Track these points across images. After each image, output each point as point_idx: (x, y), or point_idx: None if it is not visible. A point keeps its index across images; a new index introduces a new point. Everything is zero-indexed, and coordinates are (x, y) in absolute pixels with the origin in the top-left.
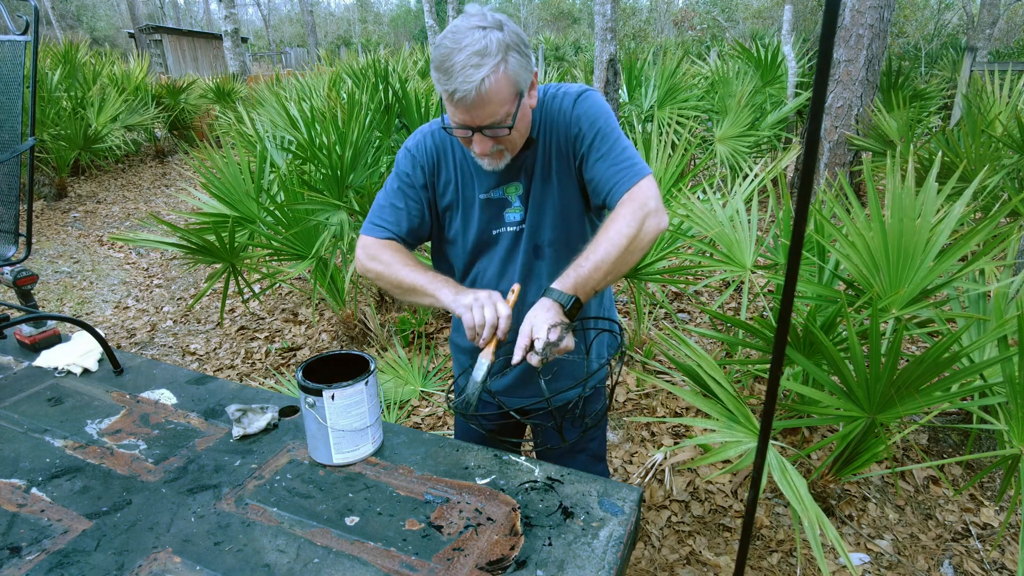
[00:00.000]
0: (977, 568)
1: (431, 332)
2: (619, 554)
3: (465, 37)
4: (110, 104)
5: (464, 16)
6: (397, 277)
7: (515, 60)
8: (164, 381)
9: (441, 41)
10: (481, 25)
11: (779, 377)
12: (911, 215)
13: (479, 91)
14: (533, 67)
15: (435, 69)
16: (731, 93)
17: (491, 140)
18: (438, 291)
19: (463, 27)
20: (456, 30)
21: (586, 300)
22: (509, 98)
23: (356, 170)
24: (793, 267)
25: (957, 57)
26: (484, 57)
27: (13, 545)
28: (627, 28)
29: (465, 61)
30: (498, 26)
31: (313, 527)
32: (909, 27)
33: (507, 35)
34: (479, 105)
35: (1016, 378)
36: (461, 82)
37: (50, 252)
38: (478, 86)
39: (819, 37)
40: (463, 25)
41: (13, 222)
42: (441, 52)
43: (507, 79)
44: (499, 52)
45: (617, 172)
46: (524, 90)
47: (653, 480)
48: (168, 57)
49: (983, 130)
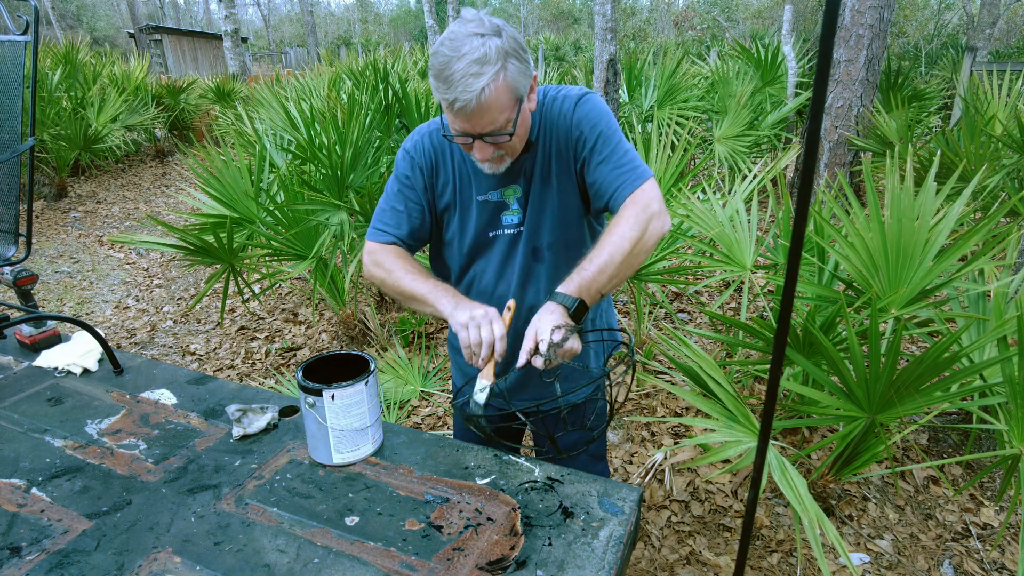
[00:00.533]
0: (977, 568)
1: (431, 332)
2: (619, 554)
3: (464, 44)
4: (110, 104)
5: (460, 22)
6: (399, 284)
7: (514, 67)
8: (164, 381)
9: (439, 49)
10: (479, 32)
11: (779, 377)
12: (910, 215)
13: (479, 100)
14: (532, 71)
15: (434, 77)
16: (731, 93)
17: (491, 146)
18: (438, 301)
19: (461, 34)
20: (454, 37)
21: (592, 303)
22: (509, 105)
23: (356, 170)
24: (793, 267)
25: (957, 57)
26: (484, 65)
27: (13, 545)
28: (627, 28)
29: (465, 70)
30: (496, 32)
31: (313, 527)
32: (909, 27)
33: (506, 41)
34: (479, 113)
35: (1016, 378)
36: (461, 91)
37: (50, 252)
38: (478, 95)
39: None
40: (461, 32)
41: (13, 222)
42: (440, 60)
43: (507, 86)
44: (499, 59)
45: (620, 175)
46: (524, 95)
47: (653, 480)
48: (168, 57)
49: (982, 130)
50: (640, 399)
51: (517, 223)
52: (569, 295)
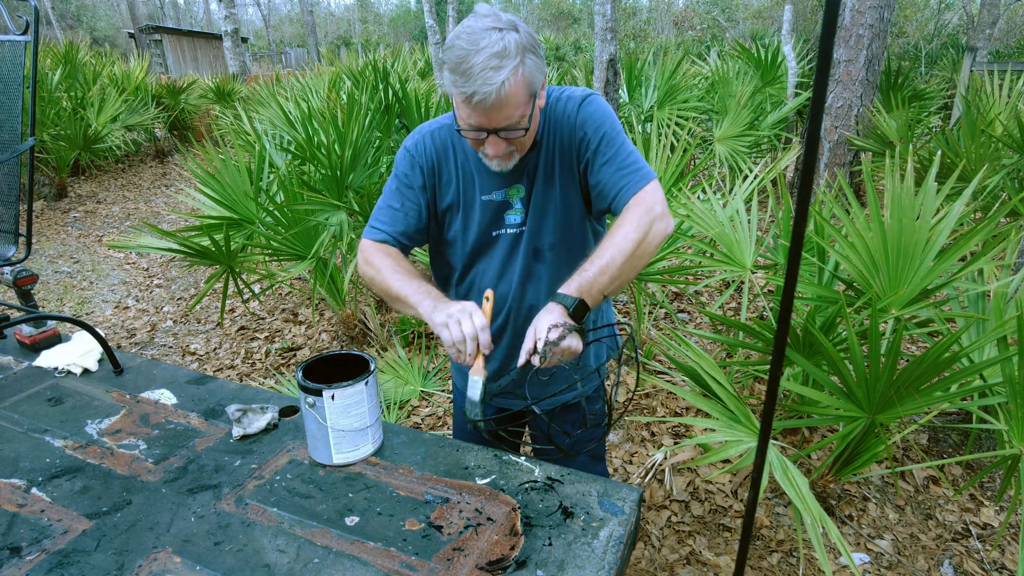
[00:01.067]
0: (977, 568)
1: (431, 332)
2: (619, 554)
3: (482, 38)
4: (110, 104)
5: (476, 16)
6: (386, 284)
7: (532, 62)
8: (164, 381)
9: (455, 42)
10: (497, 26)
11: (779, 377)
12: (910, 215)
13: (499, 94)
14: (545, 68)
15: (450, 71)
16: (731, 93)
17: (504, 142)
18: (419, 303)
19: (478, 28)
20: (472, 31)
21: (594, 304)
22: (525, 100)
23: (356, 170)
24: (793, 267)
25: (957, 57)
26: (503, 59)
27: (13, 545)
28: (627, 28)
29: (484, 63)
30: (513, 27)
31: (313, 527)
32: (909, 27)
33: (523, 36)
34: (497, 108)
35: (1016, 378)
36: (481, 84)
37: (50, 252)
38: (498, 88)
39: (819, 37)
40: (478, 26)
41: (13, 222)
42: (457, 54)
43: (524, 81)
44: (518, 54)
45: (623, 176)
46: (537, 92)
47: (653, 480)
48: (168, 57)
49: (983, 130)
50: (640, 399)
51: (519, 223)
52: (569, 295)
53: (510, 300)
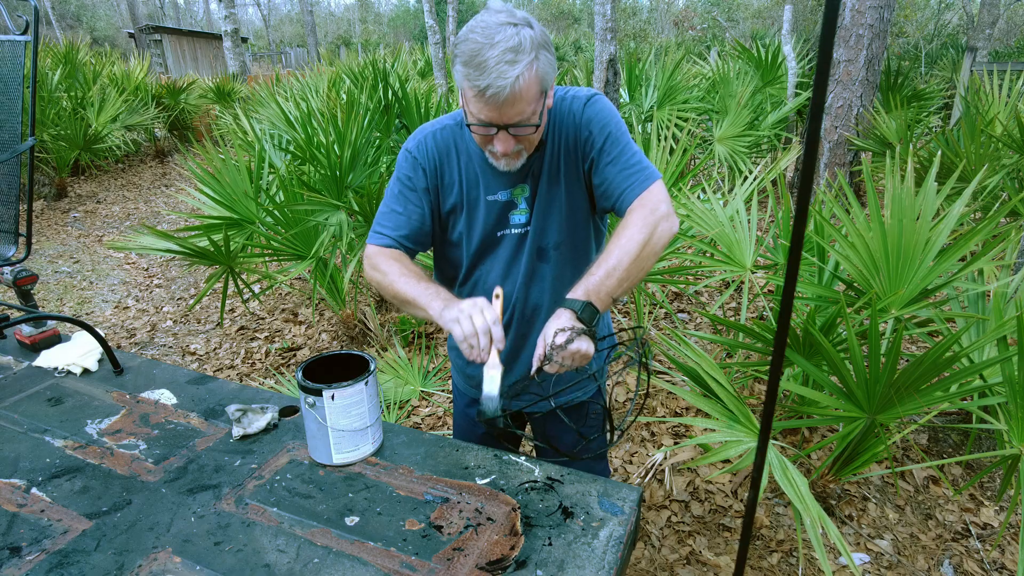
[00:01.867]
0: (977, 568)
1: (431, 332)
2: (619, 554)
3: (497, 33)
4: (110, 104)
5: (489, 11)
6: (394, 288)
7: (545, 59)
8: (164, 381)
9: (468, 36)
10: (512, 21)
11: (779, 377)
12: (911, 215)
13: (513, 88)
14: (556, 67)
15: (463, 64)
16: (731, 93)
17: (514, 139)
18: (429, 304)
19: (492, 23)
20: (486, 25)
21: (603, 307)
22: (537, 96)
23: (355, 170)
24: (793, 268)
25: (957, 57)
26: (518, 54)
27: (13, 545)
28: (627, 28)
29: (500, 57)
30: (527, 23)
31: (313, 527)
32: (909, 27)
33: (537, 33)
34: (510, 103)
35: (1016, 378)
36: (495, 78)
37: (50, 252)
38: (513, 83)
39: (819, 37)
40: (492, 21)
41: (13, 222)
42: (471, 47)
43: (537, 77)
44: (532, 50)
45: (628, 177)
46: (548, 89)
47: (653, 480)
48: (168, 57)
49: (982, 130)
50: (640, 399)
51: (524, 223)
52: (577, 299)
53: (514, 300)
